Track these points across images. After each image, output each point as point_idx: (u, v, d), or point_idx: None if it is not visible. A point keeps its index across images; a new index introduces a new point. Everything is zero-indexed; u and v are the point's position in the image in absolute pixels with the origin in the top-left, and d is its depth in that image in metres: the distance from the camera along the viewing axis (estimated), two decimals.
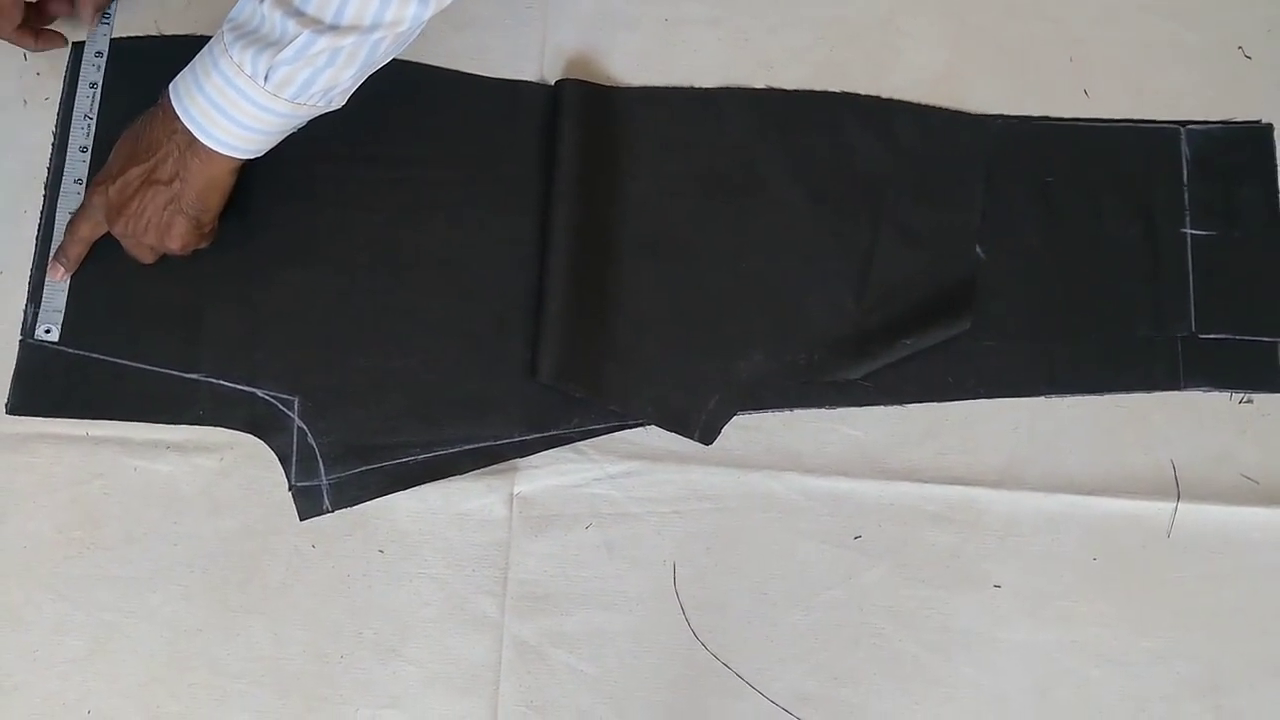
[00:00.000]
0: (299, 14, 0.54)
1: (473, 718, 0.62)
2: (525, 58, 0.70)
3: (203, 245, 0.63)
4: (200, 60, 0.58)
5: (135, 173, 0.60)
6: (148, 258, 0.63)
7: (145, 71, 0.68)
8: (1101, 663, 0.63)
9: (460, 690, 0.62)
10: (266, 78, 0.56)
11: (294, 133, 0.61)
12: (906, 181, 0.69)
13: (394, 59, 0.68)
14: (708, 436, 0.65)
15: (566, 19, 0.70)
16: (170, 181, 0.60)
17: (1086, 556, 0.64)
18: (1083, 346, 0.67)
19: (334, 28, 0.54)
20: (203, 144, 0.58)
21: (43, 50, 0.67)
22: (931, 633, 0.63)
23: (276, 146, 0.61)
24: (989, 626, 0.63)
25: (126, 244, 0.62)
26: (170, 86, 0.59)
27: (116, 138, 0.62)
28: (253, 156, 0.60)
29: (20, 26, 0.65)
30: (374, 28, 0.55)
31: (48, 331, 0.64)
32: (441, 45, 0.69)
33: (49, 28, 0.68)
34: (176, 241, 0.61)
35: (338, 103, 0.60)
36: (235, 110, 0.57)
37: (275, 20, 0.55)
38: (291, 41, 0.54)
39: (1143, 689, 0.63)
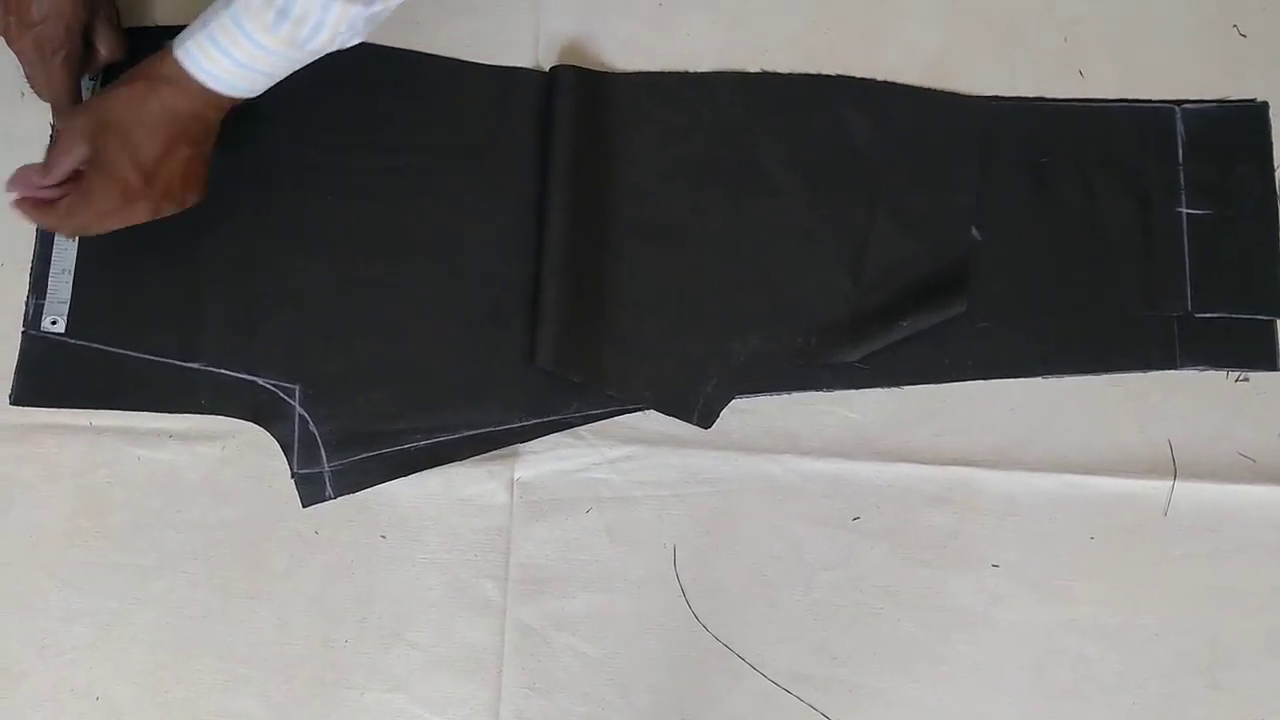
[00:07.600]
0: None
1: (476, 700, 0.62)
2: (519, 45, 0.70)
3: None
4: (203, 25, 0.57)
5: (186, 151, 0.60)
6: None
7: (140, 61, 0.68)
8: (1099, 640, 0.64)
9: (464, 673, 0.63)
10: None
11: (291, 122, 0.64)
12: (902, 164, 0.69)
13: (390, 47, 0.68)
14: (706, 420, 0.65)
15: (560, 5, 0.70)
16: (199, 143, 0.60)
17: (1084, 535, 0.65)
18: (1079, 327, 0.67)
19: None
20: (225, 95, 0.58)
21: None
22: (930, 612, 0.64)
23: (274, 138, 0.64)
24: (987, 606, 0.64)
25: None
26: (178, 51, 0.58)
27: None
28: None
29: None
30: None
31: (54, 323, 0.65)
32: (436, 33, 0.69)
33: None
34: (203, 194, 0.62)
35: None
36: (244, 56, 0.57)
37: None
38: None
39: (1140, 666, 0.63)
